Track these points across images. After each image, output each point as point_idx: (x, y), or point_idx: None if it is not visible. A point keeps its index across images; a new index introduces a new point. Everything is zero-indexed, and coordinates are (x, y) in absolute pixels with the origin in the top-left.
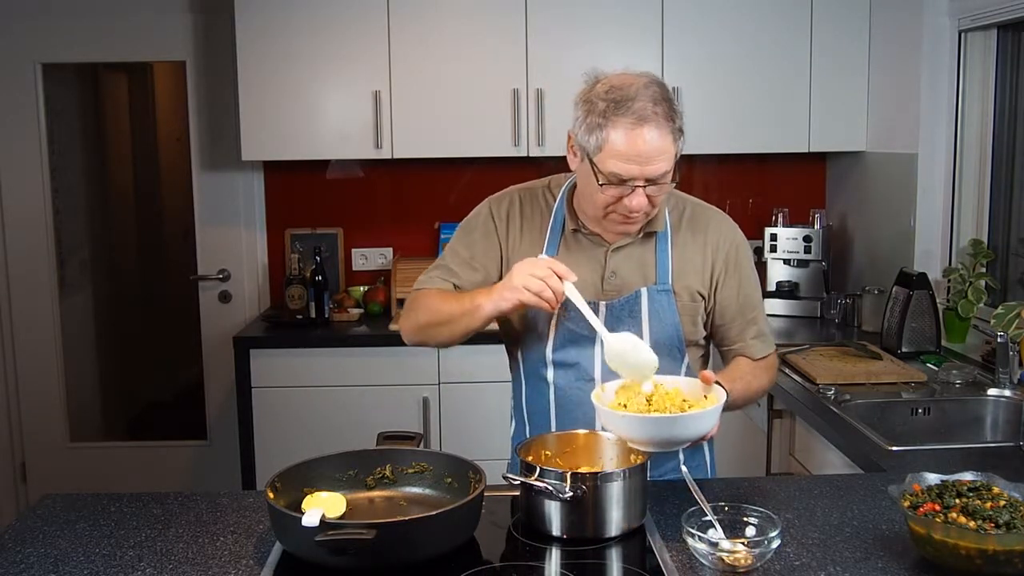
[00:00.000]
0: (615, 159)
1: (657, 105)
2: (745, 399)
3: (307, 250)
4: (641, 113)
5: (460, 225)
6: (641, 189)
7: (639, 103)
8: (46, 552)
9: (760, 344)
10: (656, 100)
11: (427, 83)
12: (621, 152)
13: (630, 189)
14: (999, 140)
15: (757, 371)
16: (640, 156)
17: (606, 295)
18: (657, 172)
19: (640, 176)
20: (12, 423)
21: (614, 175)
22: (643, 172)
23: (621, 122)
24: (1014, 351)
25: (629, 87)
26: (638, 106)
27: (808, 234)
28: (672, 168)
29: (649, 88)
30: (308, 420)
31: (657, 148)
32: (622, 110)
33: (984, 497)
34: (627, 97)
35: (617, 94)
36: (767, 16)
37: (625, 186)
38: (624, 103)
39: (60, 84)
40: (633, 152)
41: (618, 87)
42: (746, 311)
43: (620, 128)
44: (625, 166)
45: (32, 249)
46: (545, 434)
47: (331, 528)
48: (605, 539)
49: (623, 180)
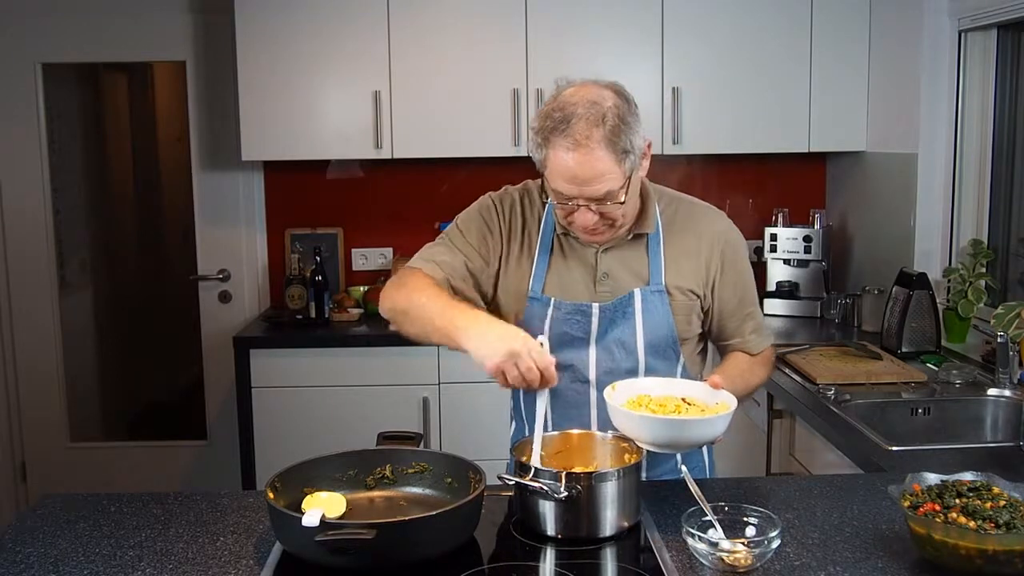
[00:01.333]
0: (556, 178)
1: (597, 128)
2: (744, 395)
3: (307, 250)
4: (576, 138)
5: (462, 213)
6: (585, 207)
7: (577, 126)
8: (46, 552)
9: (758, 338)
10: (597, 123)
11: (427, 83)
12: (558, 173)
13: (575, 206)
14: (999, 140)
15: (754, 366)
16: (576, 179)
17: (599, 297)
18: (597, 194)
19: (580, 196)
20: (12, 423)
21: (558, 193)
22: (582, 193)
23: (559, 143)
24: (1014, 351)
25: (572, 107)
26: (575, 129)
27: (808, 234)
28: (620, 186)
29: (593, 108)
30: (308, 420)
31: (593, 172)
32: (558, 133)
33: (984, 497)
34: (566, 118)
35: (559, 114)
36: (767, 16)
37: (571, 204)
38: (561, 125)
39: (60, 84)
40: (568, 175)
41: (560, 107)
42: (744, 306)
43: (558, 150)
44: (565, 186)
45: (32, 249)
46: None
47: (331, 528)
48: (600, 539)
49: (568, 199)
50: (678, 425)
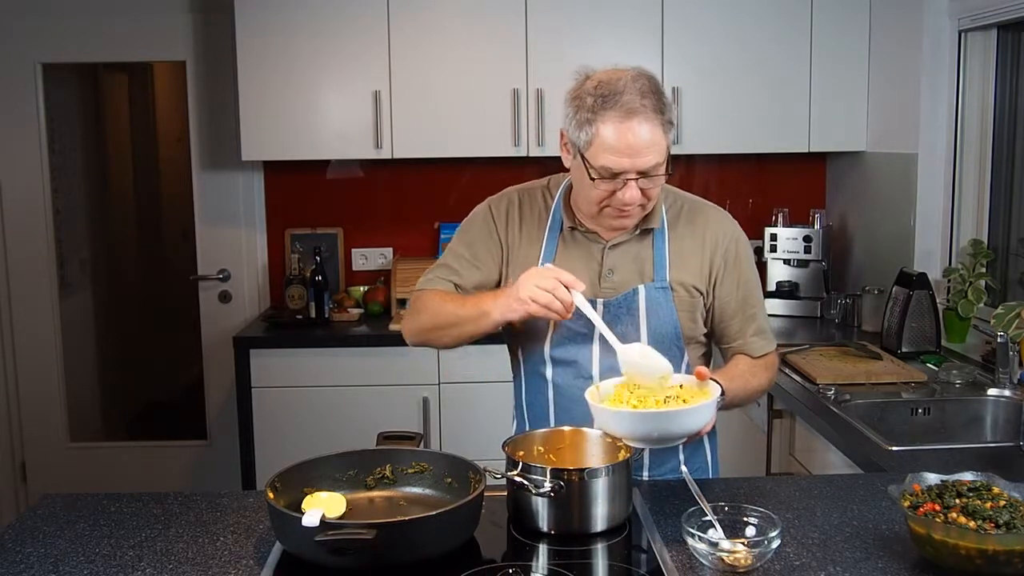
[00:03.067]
0: (606, 153)
1: (645, 98)
2: (743, 398)
3: (307, 250)
4: (629, 106)
5: (460, 226)
6: (633, 182)
7: (627, 96)
8: (46, 552)
9: (760, 341)
10: (644, 93)
11: (427, 83)
12: (611, 146)
13: (622, 183)
14: (999, 140)
15: (756, 369)
16: (630, 149)
17: (604, 292)
18: (648, 164)
19: (631, 169)
20: (12, 423)
21: (606, 169)
22: (634, 165)
23: (610, 116)
24: (1014, 351)
25: (617, 81)
26: (626, 99)
27: (808, 234)
28: (664, 160)
29: (637, 81)
30: (308, 420)
31: (647, 140)
32: (610, 104)
33: (984, 497)
34: (615, 91)
35: (605, 88)
36: (767, 16)
37: (617, 180)
38: (612, 97)
39: (60, 84)
40: (623, 145)
41: (606, 82)
42: (746, 308)
43: (609, 122)
44: (616, 159)
45: (32, 249)
46: (533, 431)
47: (331, 528)
48: (591, 534)
49: (615, 174)
50: (659, 418)
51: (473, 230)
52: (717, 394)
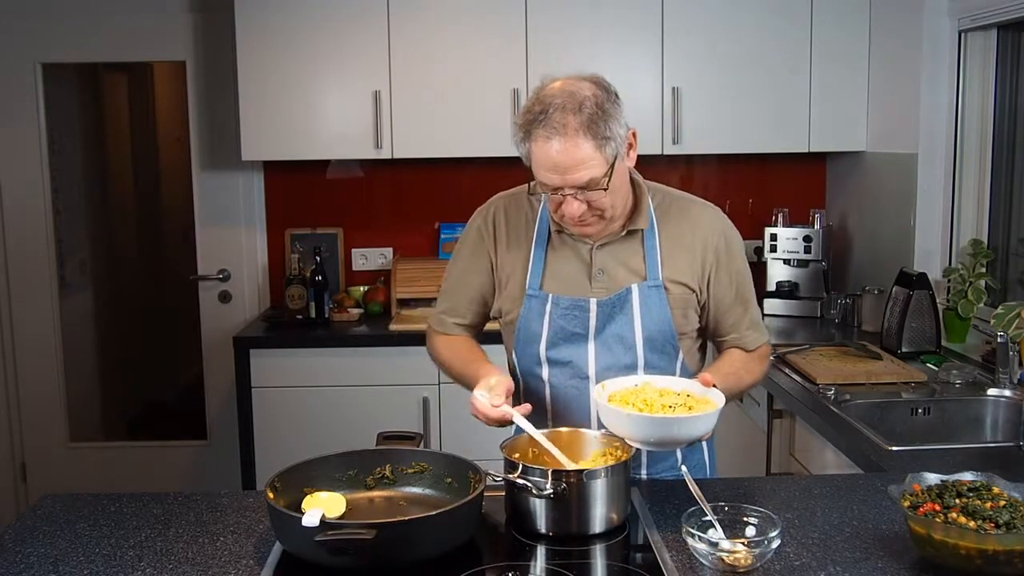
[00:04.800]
0: (539, 169)
1: (574, 115)
2: (739, 392)
3: (307, 250)
4: (552, 126)
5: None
6: (571, 197)
7: (553, 115)
8: (46, 552)
9: (754, 334)
10: (574, 111)
11: (427, 83)
12: (541, 164)
13: (562, 197)
14: (999, 140)
15: (750, 363)
16: (557, 167)
17: (596, 292)
18: (580, 181)
19: (564, 185)
20: (12, 423)
21: (543, 184)
22: (565, 181)
23: (537, 135)
24: (1014, 351)
25: (549, 98)
26: (552, 119)
27: (808, 234)
28: (603, 174)
29: (570, 99)
30: (308, 420)
31: (573, 159)
32: (537, 124)
33: (984, 497)
34: (543, 110)
35: (537, 106)
36: (767, 16)
37: (557, 194)
38: (539, 117)
39: (60, 84)
40: (550, 164)
41: (539, 100)
42: (740, 301)
43: (537, 141)
44: (548, 176)
45: (32, 249)
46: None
47: (331, 528)
48: (589, 535)
49: (553, 189)
50: (665, 423)
51: (464, 246)
52: (721, 403)
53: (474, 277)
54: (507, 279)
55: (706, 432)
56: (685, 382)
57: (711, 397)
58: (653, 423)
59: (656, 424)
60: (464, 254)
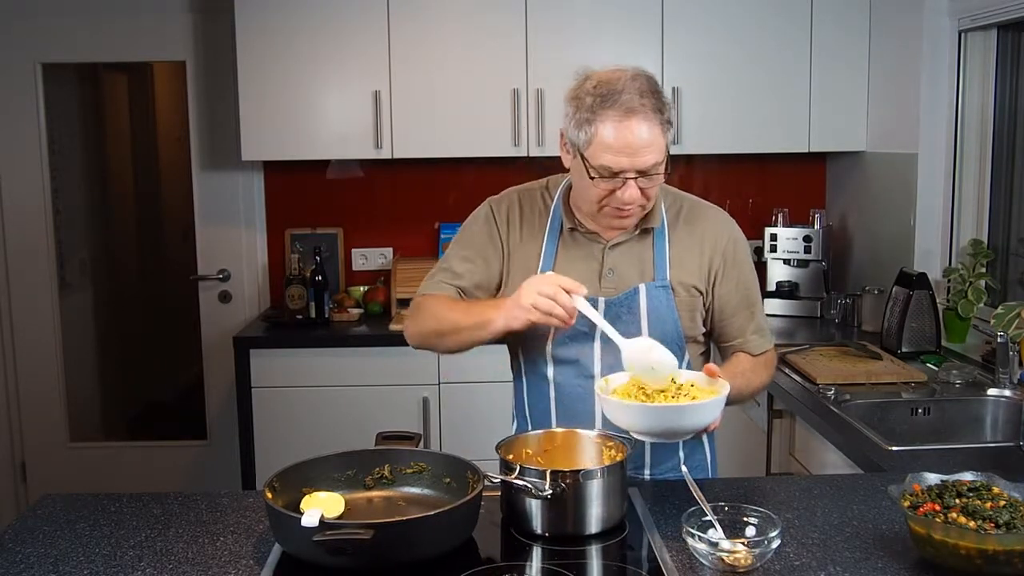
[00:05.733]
0: (605, 152)
1: (644, 97)
2: (746, 396)
3: (307, 250)
4: (628, 105)
5: (461, 225)
6: (632, 181)
7: (626, 96)
8: (46, 552)
9: (760, 339)
10: (643, 92)
11: (427, 83)
12: (610, 145)
13: (622, 182)
14: (999, 140)
15: (757, 368)
16: (629, 148)
17: (604, 291)
18: (647, 164)
19: (630, 168)
20: (12, 423)
21: (605, 168)
22: (633, 164)
23: (609, 115)
24: (1014, 351)
25: (616, 81)
26: (625, 99)
27: (808, 234)
28: (663, 159)
29: (636, 80)
30: (308, 420)
31: (645, 140)
32: (609, 103)
33: (984, 497)
34: (614, 91)
35: (604, 88)
36: (767, 16)
37: (617, 179)
38: (611, 96)
39: (60, 84)
40: (622, 144)
41: (605, 82)
42: (745, 306)
43: (608, 121)
44: (615, 158)
45: (32, 249)
46: (526, 433)
47: (329, 528)
48: (585, 536)
49: (614, 173)
50: (669, 412)
51: (474, 230)
52: (726, 391)
53: (482, 258)
54: (516, 272)
55: (711, 421)
56: (691, 373)
57: (717, 387)
58: (656, 412)
59: (659, 413)
60: (476, 234)
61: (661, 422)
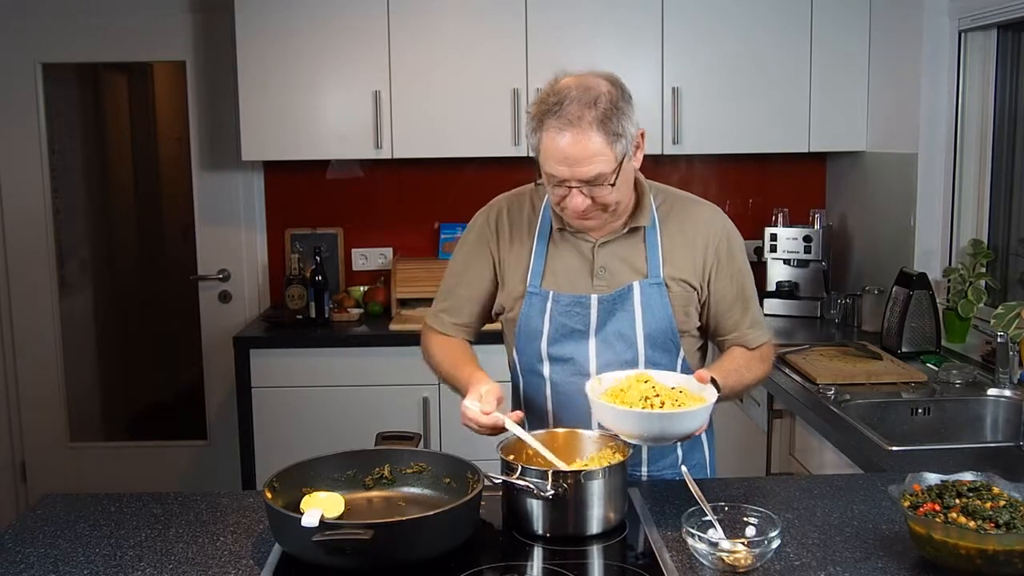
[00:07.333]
0: (548, 160)
1: (589, 109)
2: (741, 390)
3: (307, 250)
4: (568, 118)
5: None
6: (577, 190)
7: (569, 108)
8: (46, 552)
9: (756, 332)
10: (589, 104)
11: (427, 83)
12: (551, 155)
13: (566, 190)
14: (999, 140)
15: (752, 362)
16: (568, 159)
17: (597, 289)
18: (588, 175)
19: (571, 178)
20: (12, 423)
21: (550, 176)
22: (574, 174)
23: (551, 125)
24: (1014, 351)
25: (565, 91)
26: (567, 111)
27: (808, 234)
28: (611, 170)
29: (587, 92)
30: (308, 420)
31: (584, 151)
32: (552, 114)
33: (984, 497)
34: (558, 102)
35: (553, 98)
36: (767, 16)
37: (563, 187)
38: (554, 108)
39: (60, 84)
40: (561, 156)
41: (555, 92)
42: (741, 300)
43: (549, 131)
44: (556, 167)
45: (32, 249)
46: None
47: (329, 528)
48: (587, 536)
49: (560, 181)
50: (652, 419)
51: (467, 244)
52: (713, 399)
53: (476, 277)
54: (509, 276)
55: (697, 428)
56: (682, 378)
57: (704, 394)
58: (641, 419)
59: (644, 420)
60: (466, 253)
61: (645, 427)
